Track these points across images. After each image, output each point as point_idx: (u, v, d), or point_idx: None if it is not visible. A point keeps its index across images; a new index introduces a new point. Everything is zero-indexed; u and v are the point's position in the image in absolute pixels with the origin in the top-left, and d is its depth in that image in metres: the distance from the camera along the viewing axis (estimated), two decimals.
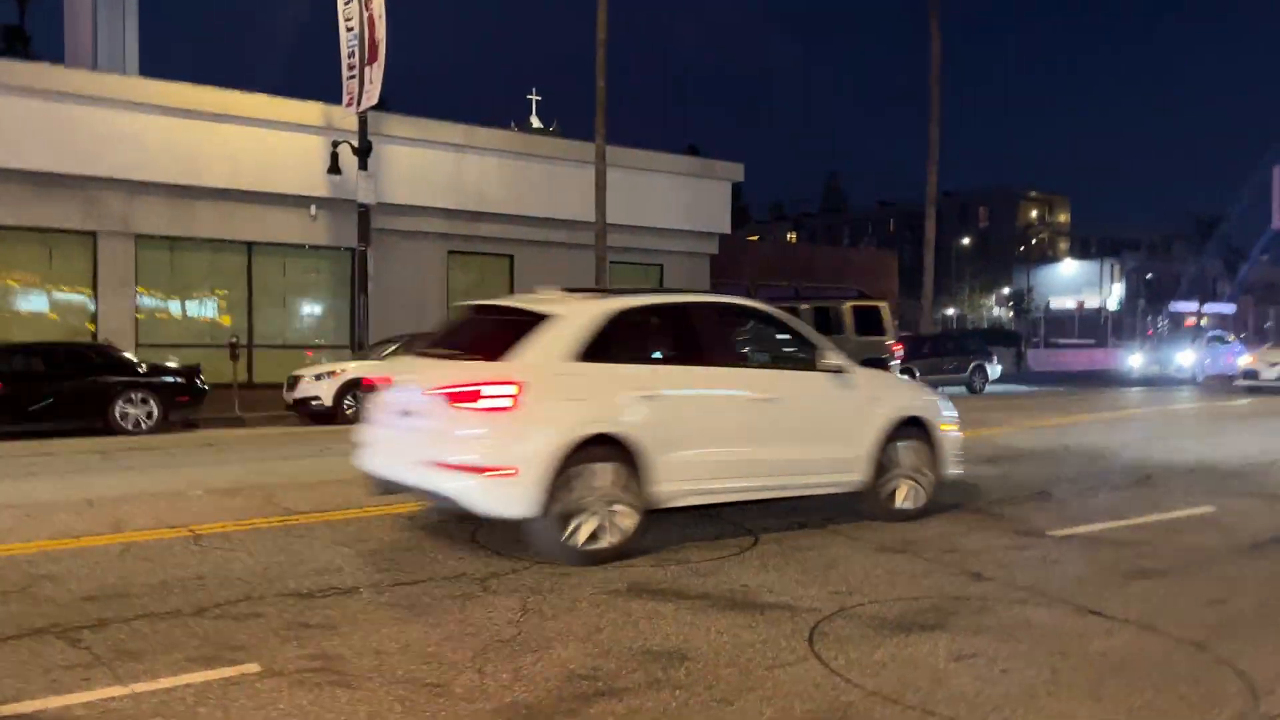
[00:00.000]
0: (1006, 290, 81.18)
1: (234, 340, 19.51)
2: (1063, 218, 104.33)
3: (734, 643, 4.74)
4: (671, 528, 7.26)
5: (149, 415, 15.35)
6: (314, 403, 17.11)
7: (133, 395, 15.30)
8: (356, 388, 17.21)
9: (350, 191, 20.69)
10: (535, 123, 66.38)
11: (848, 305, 23.18)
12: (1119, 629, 5.03)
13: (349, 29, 19.74)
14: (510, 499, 6.00)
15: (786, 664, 4.49)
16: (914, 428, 7.78)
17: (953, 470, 8.08)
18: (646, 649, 4.65)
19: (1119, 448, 12.52)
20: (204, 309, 22.26)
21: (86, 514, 7.76)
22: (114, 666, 4.31)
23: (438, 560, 6.26)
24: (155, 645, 4.60)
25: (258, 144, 21.46)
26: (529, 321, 6.51)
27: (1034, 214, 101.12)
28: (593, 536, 6.20)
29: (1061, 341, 45.75)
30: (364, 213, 20.11)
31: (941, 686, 4.24)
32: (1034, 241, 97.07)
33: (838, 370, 7.46)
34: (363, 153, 19.91)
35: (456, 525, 7.28)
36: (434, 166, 23.98)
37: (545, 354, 6.31)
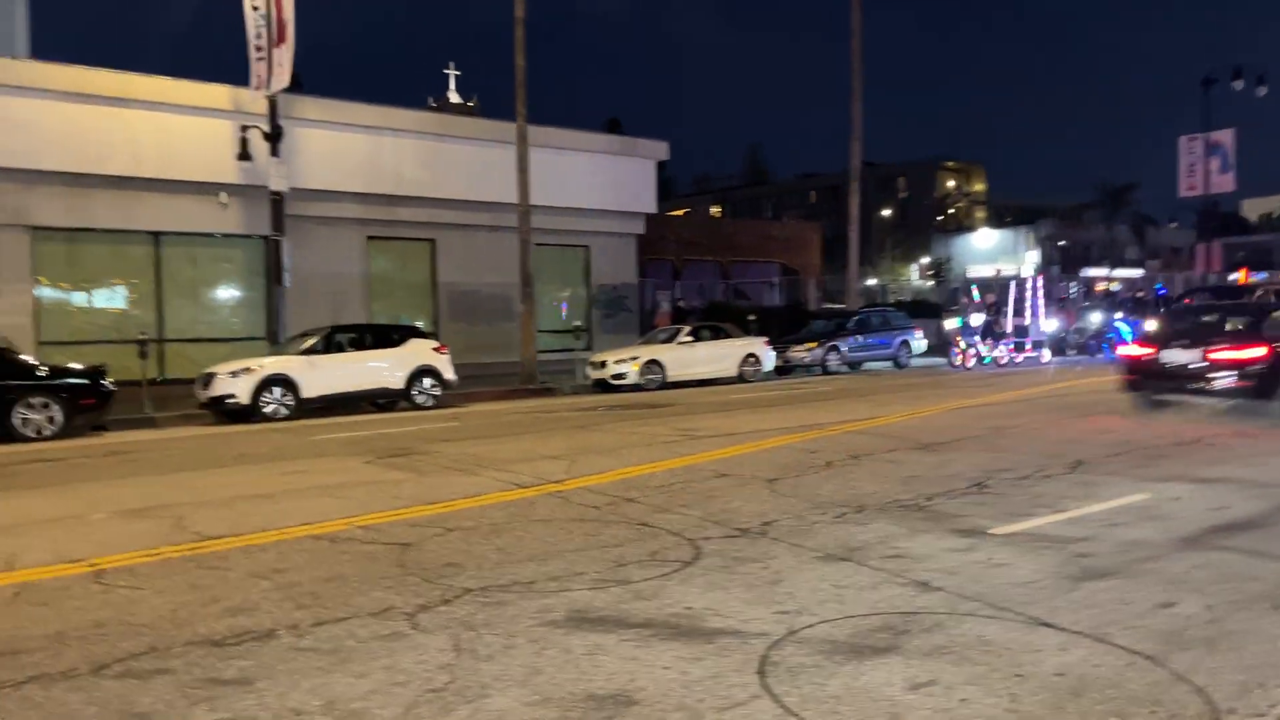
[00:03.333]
0: (926, 259, 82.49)
1: (143, 335, 18.65)
2: (979, 187, 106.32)
3: (682, 680, 4.49)
4: (609, 544, 7.00)
5: (51, 421, 14.54)
6: (229, 401, 16.45)
7: (33, 400, 14.47)
8: (275, 384, 16.60)
9: (262, 177, 19.89)
10: (454, 98, 65.11)
11: None
12: (1072, 643, 4.90)
13: (255, 8, 18.87)
14: None
15: (739, 703, 4.25)
16: None
17: None
18: (589, 693, 4.37)
19: (1046, 428, 12.61)
20: (109, 303, 21.26)
21: None
22: None
23: (361, 591, 5.89)
24: (48, 716, 4.18)
25: (161, 129, 20.51)
26: None
27: (951, 184, 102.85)
28: None
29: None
30: (277, 200, 19.34)
31: None
32: (952, 211, 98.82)
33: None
34: (274, 138, 19.12)
35: (383, 549, 6.91)
36: (349, 149, 23.23)
37: None
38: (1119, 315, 27.71)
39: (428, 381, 18.20)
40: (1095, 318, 28.95)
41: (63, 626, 5.31)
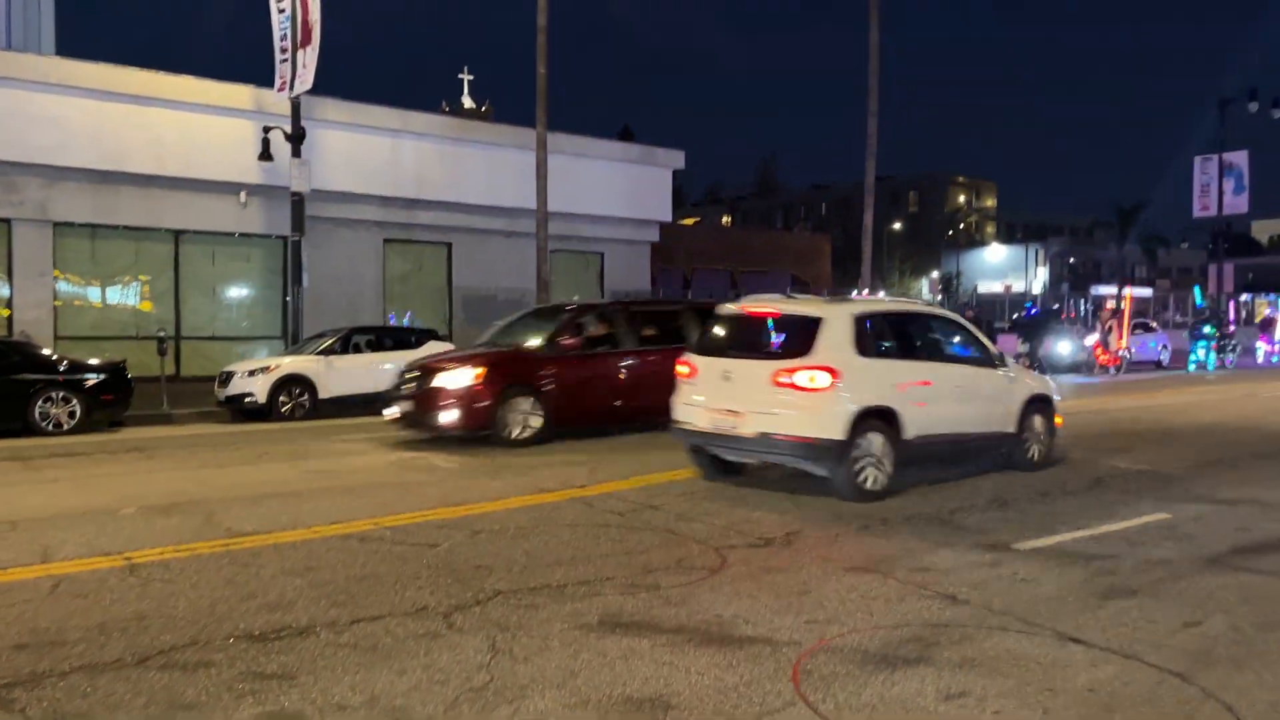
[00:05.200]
0: (936, 274, 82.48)
1: (161, 332, 18.77)
2: (990, 202, 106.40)
3: (717, 685, 4.55)
4: (636, 549, 7.07)
5: (70, 415, 14.64)
6: (247, 400, 16.53)
7: (53, 394, 14.58)
8: (292, 384, 16.69)
9: (283, 178, 20.02)
10: (468, 103, 65.29)
11: None
12: (1102, 659, 4.96)
13: (280, 10, 19.02)
14: None
15: (774, 710, 4.31)
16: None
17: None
18: (627, 695, 4.44)
19: (1068, 445, 12.62)
20: (128, 299, 21.39)
21: (10, 539, 7.29)
22: None
23: (395, 591, 5.96)
24: (97, 705, 4.26)
25: (184, 128, 20.67)
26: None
27: (962, 199, 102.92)
28: None
29: (995, 325, 46.16)
30: (298, 201, 19.46)
31: None
32: (962, 226, 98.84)
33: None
34: (296, 139, 19.24)
35: (413, 550, 6.98)
36: (369, 152, 23.38)
37: None
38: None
39: None
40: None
41: (104, 618, 5.39)
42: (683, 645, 5.08)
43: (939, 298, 64.62)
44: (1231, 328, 34.53)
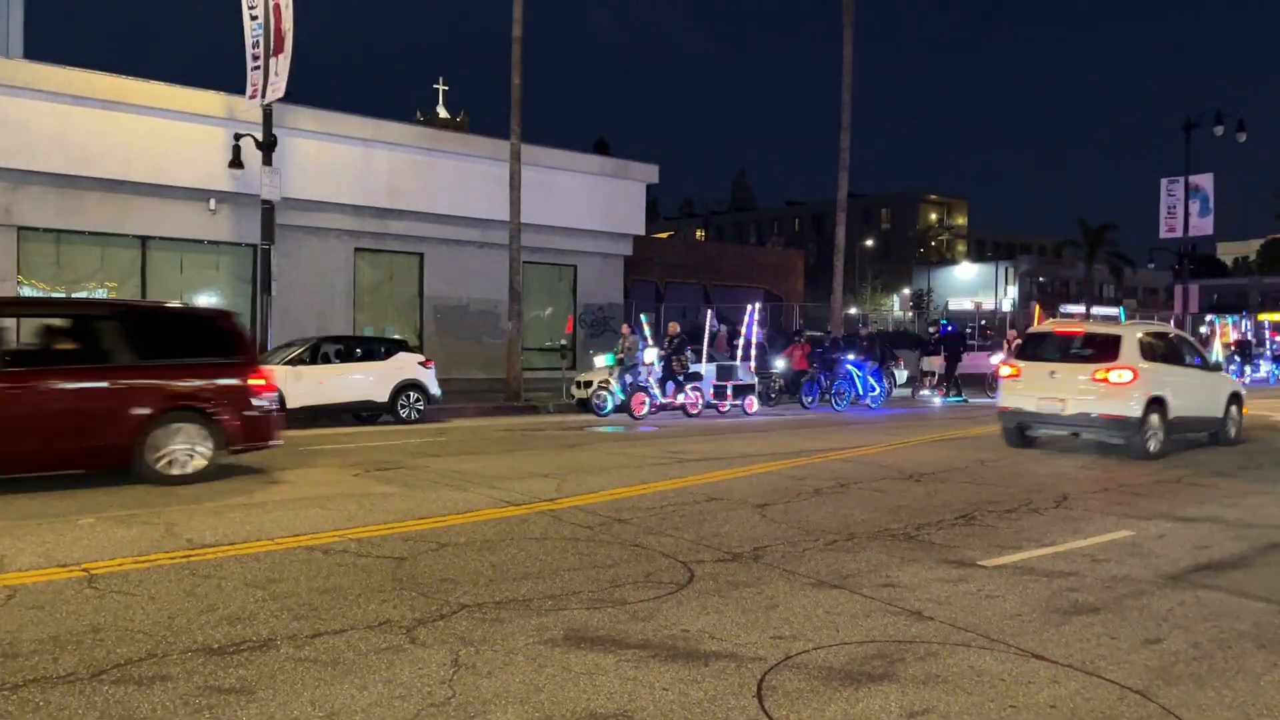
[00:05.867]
0: (907, 291, 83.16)
1: None
2: (961, 220, 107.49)
3: (681, 702, 4.53)
4: (603, 564, 7.04)
5: None
6: None
7: None
8: None
9: (253, 186, 19.85)
10: (442, 113, 65.11)
11: None
12: (1064, 676, 4.98)
13: (253, 18, 18.89)
14: None
15: None
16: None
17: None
18: (590, 712, 4.40)
19: (1031, 463, 12.74)
20: None
21: None
22: None
23: (358, 604, 5.89)
24: (47, 719, 4.16)
25: (154, 134, 20.48)
26: None
27: (934, 216, 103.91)
28: None
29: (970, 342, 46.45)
30: (268, 209, 19.30)
31: None
32: (934, 243, 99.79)
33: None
34: (267, 147, 19.10)
35: (377, 562, 6.91)
36: (341, 161, 23.26)
37: None
38: (852, 356, 23.16)
39: (412, 395, 18.17)
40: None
41: (58, 630, 5.29)
42: (648, 661, 5.05)
43: (910, 314, 65.09)
44: None
